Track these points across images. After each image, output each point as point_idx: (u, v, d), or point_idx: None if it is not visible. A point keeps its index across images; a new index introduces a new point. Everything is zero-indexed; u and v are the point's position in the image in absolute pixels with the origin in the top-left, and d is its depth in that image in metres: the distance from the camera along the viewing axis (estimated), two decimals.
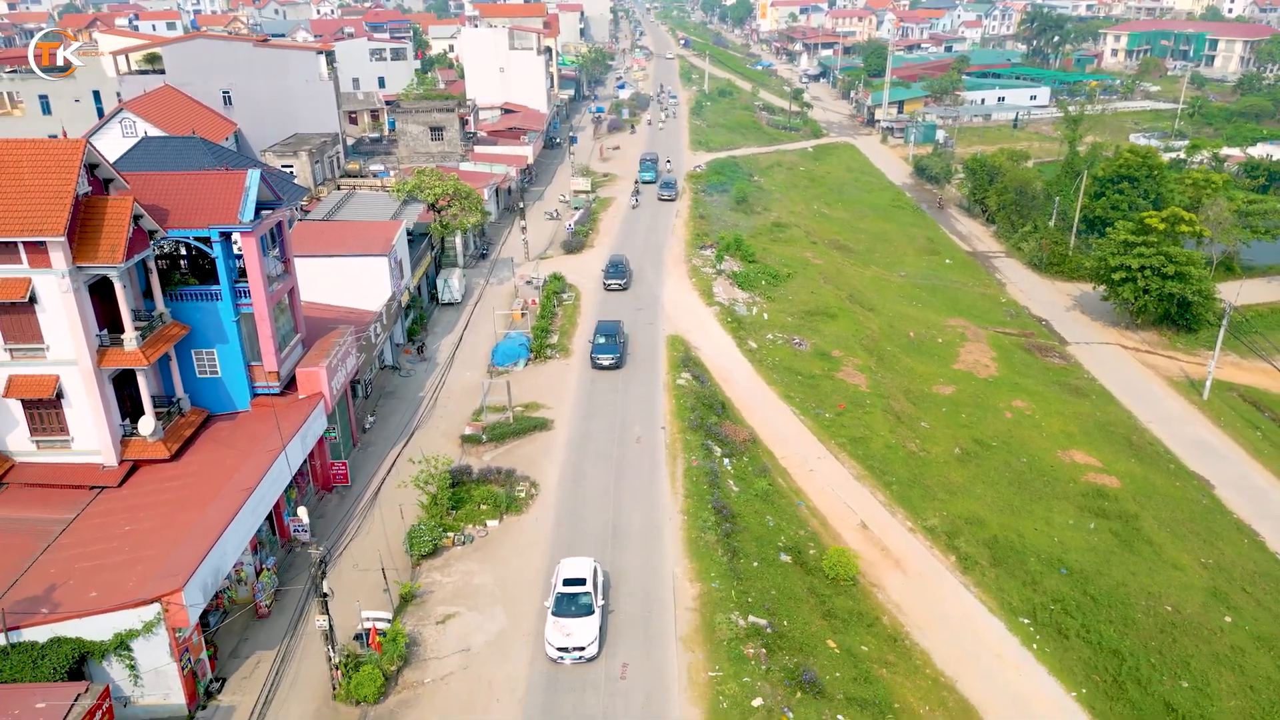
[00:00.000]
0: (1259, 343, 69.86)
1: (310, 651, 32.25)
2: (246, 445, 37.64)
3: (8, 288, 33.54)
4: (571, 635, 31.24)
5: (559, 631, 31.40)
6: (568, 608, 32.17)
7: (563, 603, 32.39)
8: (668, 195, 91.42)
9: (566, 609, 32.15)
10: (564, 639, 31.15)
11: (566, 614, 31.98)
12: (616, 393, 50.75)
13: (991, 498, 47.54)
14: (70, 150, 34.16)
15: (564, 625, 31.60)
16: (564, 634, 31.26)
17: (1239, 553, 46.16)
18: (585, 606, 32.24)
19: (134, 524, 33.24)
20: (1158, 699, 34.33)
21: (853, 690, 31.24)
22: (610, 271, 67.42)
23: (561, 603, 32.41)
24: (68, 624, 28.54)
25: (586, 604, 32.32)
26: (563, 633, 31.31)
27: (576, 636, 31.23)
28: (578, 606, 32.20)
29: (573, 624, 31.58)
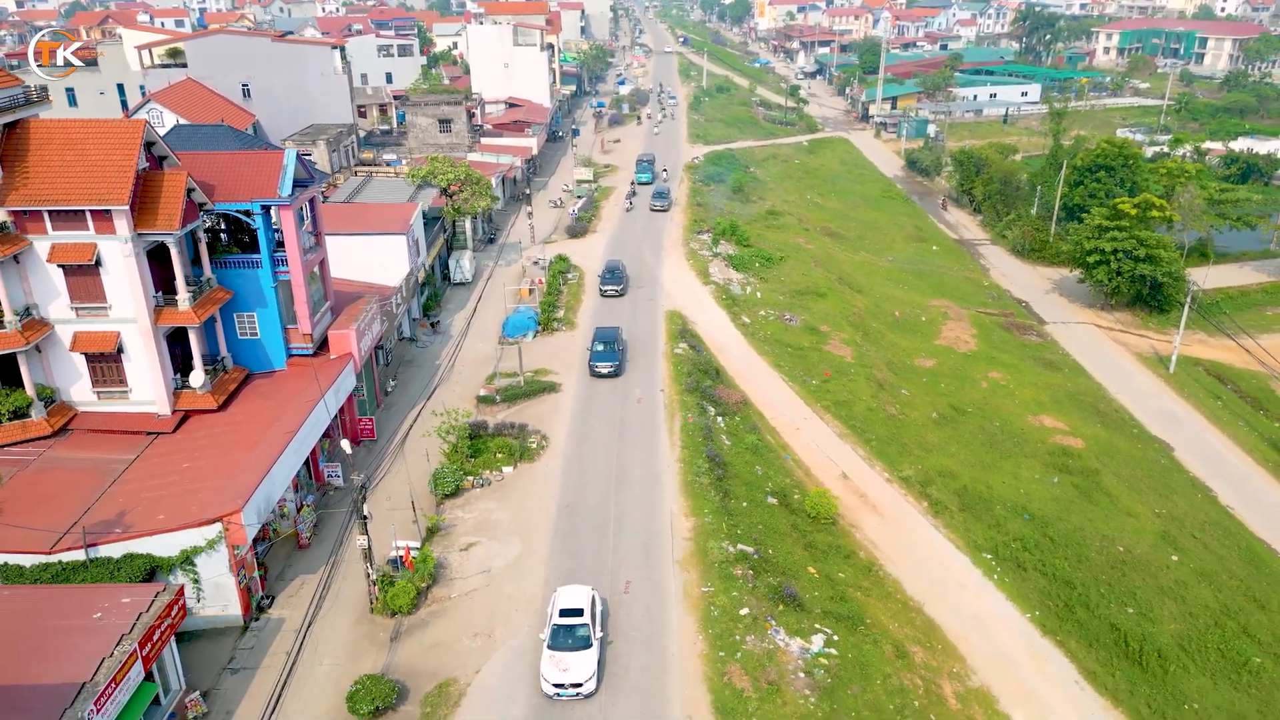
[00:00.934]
0: (1225, 322, 73.95)
1: (349, 574, 36.33)
2: (285, 398, 41.71)
3: (76, 251, 37.58)
4: (569, 670, 29.23)
5: (555, 666, 29.39)
6: (564, 640, 30.14)
7: (559, 635, 30.34)
8: (660, 205, 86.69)
9: (563, 642, 30.12)
10: (560, 674, 29.16)
11: (563, 647, 29.97)
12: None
13: (964, 455, 51.63)
14: (132, 129, 38.23)
15: (560, 659, 29.56)
16: (560, 669, 29.27)
17: (1191, 505, 50.29)
18: (583, 639, 30.19)
19: (190, 462, 37.31)
20: (1103, 621, 38.39)
21: (829, 606, 35.30)
22: (606, 277, 65.59)
23: (558, 635, 30.35)
24: (139, 541, 32.57)
25: (584, 636, 30.26)
26: (559, 668, 29.32)
27: (574, 672, 29.24)
28: (575, 639, 30.17)
29: (570, 658, 29.60)
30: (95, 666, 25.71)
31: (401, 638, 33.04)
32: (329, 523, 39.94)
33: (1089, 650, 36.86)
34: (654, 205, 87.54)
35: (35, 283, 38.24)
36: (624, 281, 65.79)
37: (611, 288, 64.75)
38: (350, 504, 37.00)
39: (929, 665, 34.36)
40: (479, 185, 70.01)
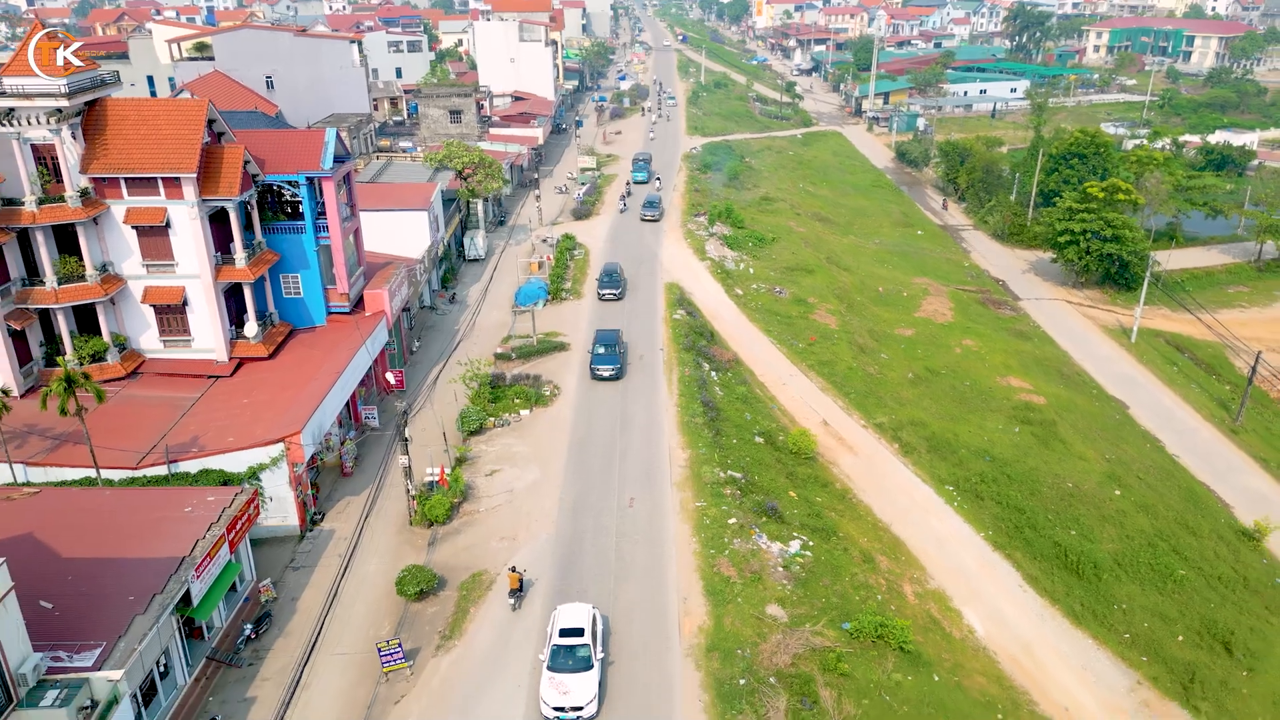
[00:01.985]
0: (1187, 299, 79.30)
1: (389, 496, 41.71)
2: (327, 348, 47.10)
3: (149, 214, 42.94)
4: (569, 694, 28.41)
5: (554, 689, 28.56)
6: (564, 662, 29.32)
7: (559, 656, 29.52)
8: (651, 215, 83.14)
9: (563, 663, 29.28)
10: (560, 698, 28.34)
11: (563, 669, 29.12)
12: (623, 325, 60.04)
13: (935, 408, 56.99)
14: (198, 108, 43.59)
15: (560, 682, 28.69)
16: (560, 692, 28.46)
17: (1139, 452, 55.68)
18: (583, 660, 29.36)
19: (249, 399, 42.70)
20: (1048, 540, 43.75)
21: (806, 521, 40.68)
22: (604, 280, 64.83)
23: (557, 656, 29.53)
24: (213, 459, 37.98)
25: (585, 657, 29.45)
26: (559, 690, 28.50)
27: (574, 695, 28.41)
28: (575, 660, 29.34)
29: (570, 680, 28.73)
30: (192, 545, 31.11)
31: (438, 543, 38.46)
32: (367, 457, 45.34)
33: (1033, 562, 42.25)
34: (645, 215, 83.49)
35: (111, 242, 43.59)
36: (621, 285, 64.94)
37: (609, 291, 63.89)
38: (395, 427, 42.37)
39: (892, 571, 39.74)
40: (491, 169, 75.39)
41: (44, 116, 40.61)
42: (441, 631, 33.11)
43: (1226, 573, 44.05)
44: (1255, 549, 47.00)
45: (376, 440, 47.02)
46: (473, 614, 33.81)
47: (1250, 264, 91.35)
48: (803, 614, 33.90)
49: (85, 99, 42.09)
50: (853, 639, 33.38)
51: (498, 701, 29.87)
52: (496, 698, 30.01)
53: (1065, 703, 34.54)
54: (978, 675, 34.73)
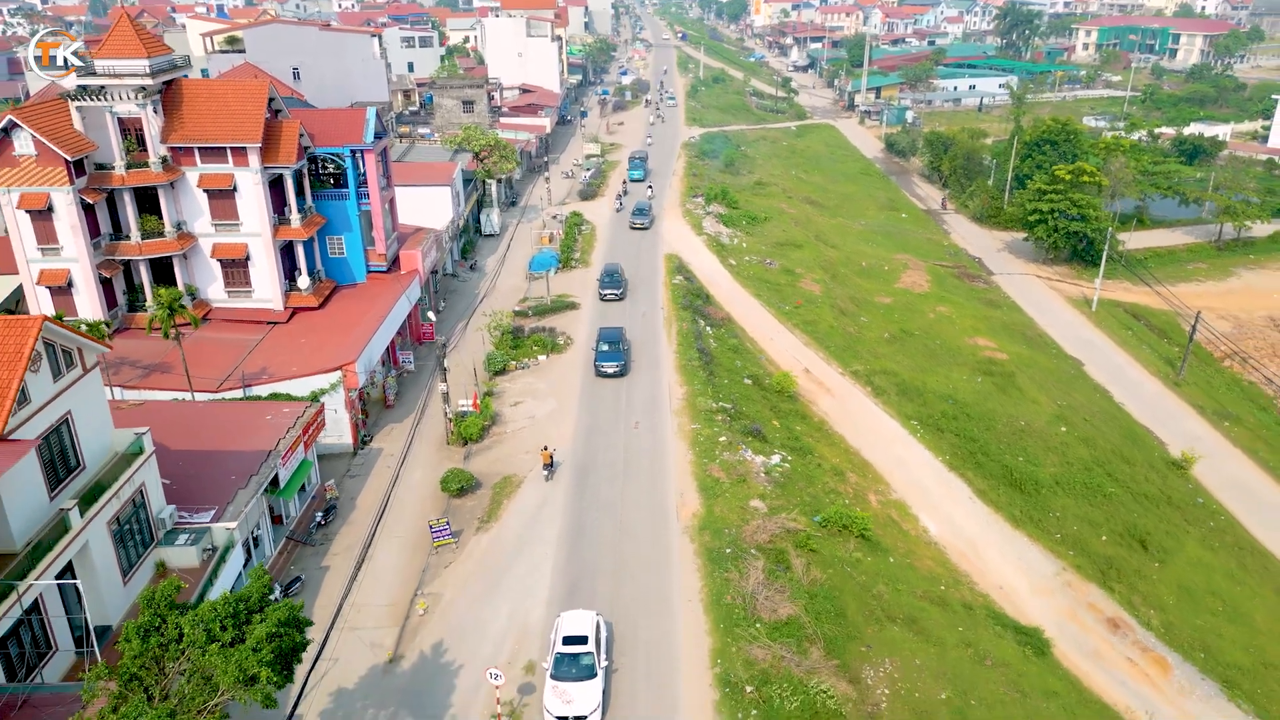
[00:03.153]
0: (1146, 274, 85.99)
1: (428, 423, 48.38)
2: (369, 300, 53.73)
3: (219, 179, 49.57)
4: (572, 703, 28.21)
5: (558, 698, 28.37)
6: (568, 670, 29.10)
7: (562, 664, 29.32)
8: (641, 223, 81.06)
9: (566, 671, 29.07)
10: (564, 706, 28.14)
11: (566, 677, 28.89)
12: (629, 287, 66.68)
13: (906, 362, 63.63)
14: (261, 87, 50.24)
15: (564, 690, 28.52)
16: (564, 701, 28.27)
17: (1088, 400, 62.35)
18: (587, 669, 29.13)
19: (306, 338, 49.35)
20: (998, 463, 50.39)
21: (786, 442, 47.33)
22: (605, 281, 65.11)
23: (561, 664, 29.33)
24: (280, 384, 44.63)
25: (588, 665, 29.23)
26: (562, 699, 28.30)
27: (578, 704, 28.20)
28: (579, 668, 29.10)
29: (573, 689, 28.56)
30: (276, 442, 37.79)
31: (472, 456, 45.15)
32: (406, 394, 52.00)
33: (983, 480, 48.90)
34: (635, 223, 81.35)
35: (185, 203, 50.21)
36: (623, 286, 65.10)
37: (610, 292, 64.22)
38: (435, 360, 49.05)
39: (859, 483, 46.41)
40: (505, 151, 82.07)
41: (131, 93, 47.21)
42: (480, 518, 39.82)
43: (1153, 492, 50.74)
44: (1183, 476, 53.67)
45: (412, 381, 53.68)
46: (505, 505, 40.51)
47: (1211, 244, 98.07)
48: (780, 506, 40.54)
49: (164, 78, 48.71)
50: (821, 527, 40.04)
51: (526, 568, 36.50)
52: (525, 565, 36.66)
53: (1000, 583, 41.20)
54: (927, 560, 41.41)
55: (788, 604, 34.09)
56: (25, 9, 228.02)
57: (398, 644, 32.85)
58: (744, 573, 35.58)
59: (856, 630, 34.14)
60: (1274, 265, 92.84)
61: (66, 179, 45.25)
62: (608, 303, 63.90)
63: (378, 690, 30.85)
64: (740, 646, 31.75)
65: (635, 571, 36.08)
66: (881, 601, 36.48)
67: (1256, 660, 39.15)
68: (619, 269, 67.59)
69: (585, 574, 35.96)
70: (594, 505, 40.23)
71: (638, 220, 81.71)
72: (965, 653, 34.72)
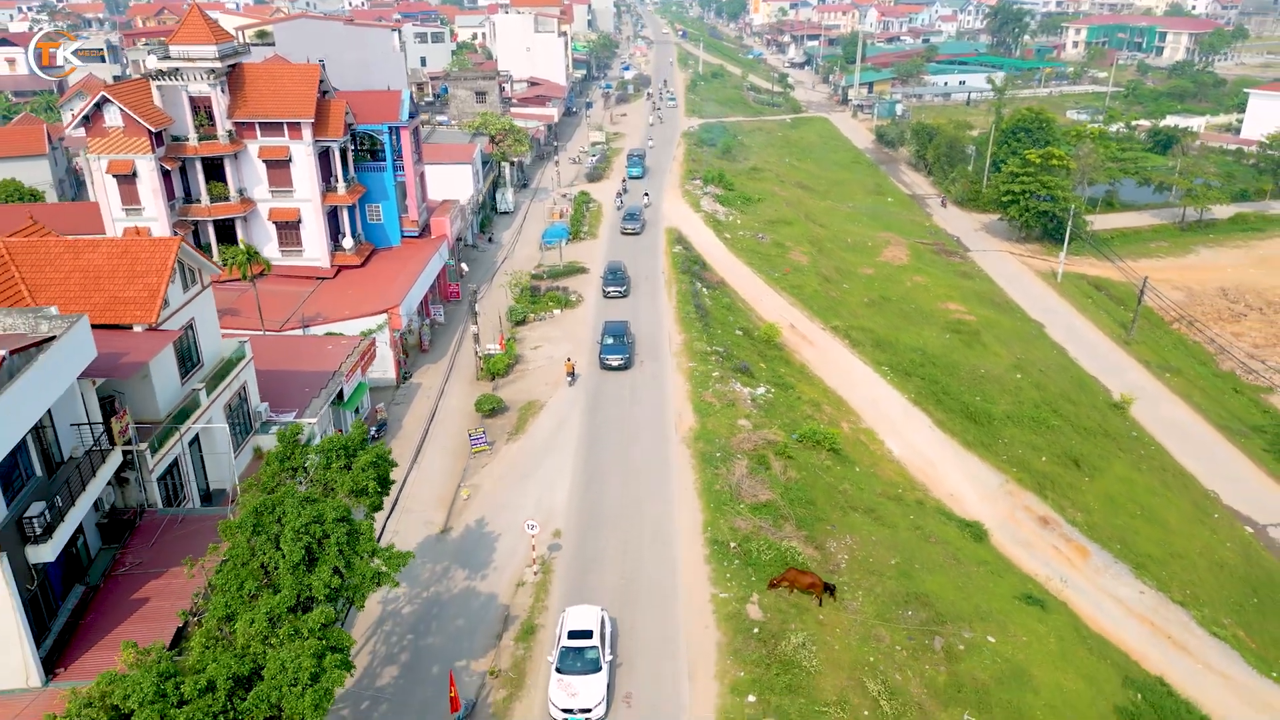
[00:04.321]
0: (1110, 251, 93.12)
1: (460, 364, 55.55)
2: (405, 260, 60.91)
3: (277, 151, 56.76)
4: (577, 695, 28.76)
5: (563, 691, 28.91)
6: (573, 663, 29.67)
7: (568, 657, 29.83)
8: (633, 228, 79.25)
9: (571, 665, 29.63)
10: (569, 699, 28.68)
11: (571, 670, 29.48)
12: (632, 254, 73.83)
13: (883, 321, 70.78)
14: (313, 71, 57.48)
15: (569, 684, 29.05)
16: (569, 694, 28.80)
17: (1045, 355, 69.49)
18: (592, 662, 29.67)
19: (353, 290, 56.55)
20: (957, 400, 57.51)
21: (771, 379, 54.51)
22: (609, 278, 65.77)
23: (566, 658, 29.84)
24: (334, 324, 51.79)
25: (593, 659, 29.74)
26: (567, 692, 28.84)
27: (583, 697, 28.74)
28: (584, 662, 29.68)
29: (578, 682, 29.10)
30: (339, 364, 44.97)
31: (500, 387, 52.39)
32: (438, 342, 59.18)
33: (943, 413, 56.03)
34: (626, 228, 79.52)
35: (246, 172, 57.38)
36: (626, 283, 65.68)
37: (614, 289, 64.84)
38: (465, 309, 56.27)
39: (833, 414, 53.56)
40: (519, 134, 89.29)
41: (202, 75, 54.40)
42: (509, 431, 47.07)
43: (1092, 426, 57.90)
44: (1121, 415, 60.81)
45: (442, 332, 60.87)
46: (530, 422, 47.74)
47: (1175, 225, 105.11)
48: (763, 425, 47.70)
49: (230, 62, 55.91)
50: (798, 442, 47.19)
51: (550, 467, 43.69)
52: (549, 464, 43.85)
53: (950, 491, 48.33)
54: (889, 471, 48.61)
55: (767, 492, 41.31)
56: (47, 6, 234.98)
57: (446, 520, 40.11)
58: (731, 469, 42.80)
59: (824, 514, 41.32)
60: (1231, 244, 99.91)
61: (149, 147, 52.46)
62: (611, 299, 64.33)
63: (433, 552, 38.07)
64: (727, 519, 38.96)
65: (640, 469, 43.28)
66: (846, 496, 43.68)
67: (1165, 552, 46.25)
68: (622, 266, 67.70)
69: (598, 472, 43.17)
70: (605, 422, 47.40)
71: (629, 226, 79.67)
72: (914, 534, 41.90)
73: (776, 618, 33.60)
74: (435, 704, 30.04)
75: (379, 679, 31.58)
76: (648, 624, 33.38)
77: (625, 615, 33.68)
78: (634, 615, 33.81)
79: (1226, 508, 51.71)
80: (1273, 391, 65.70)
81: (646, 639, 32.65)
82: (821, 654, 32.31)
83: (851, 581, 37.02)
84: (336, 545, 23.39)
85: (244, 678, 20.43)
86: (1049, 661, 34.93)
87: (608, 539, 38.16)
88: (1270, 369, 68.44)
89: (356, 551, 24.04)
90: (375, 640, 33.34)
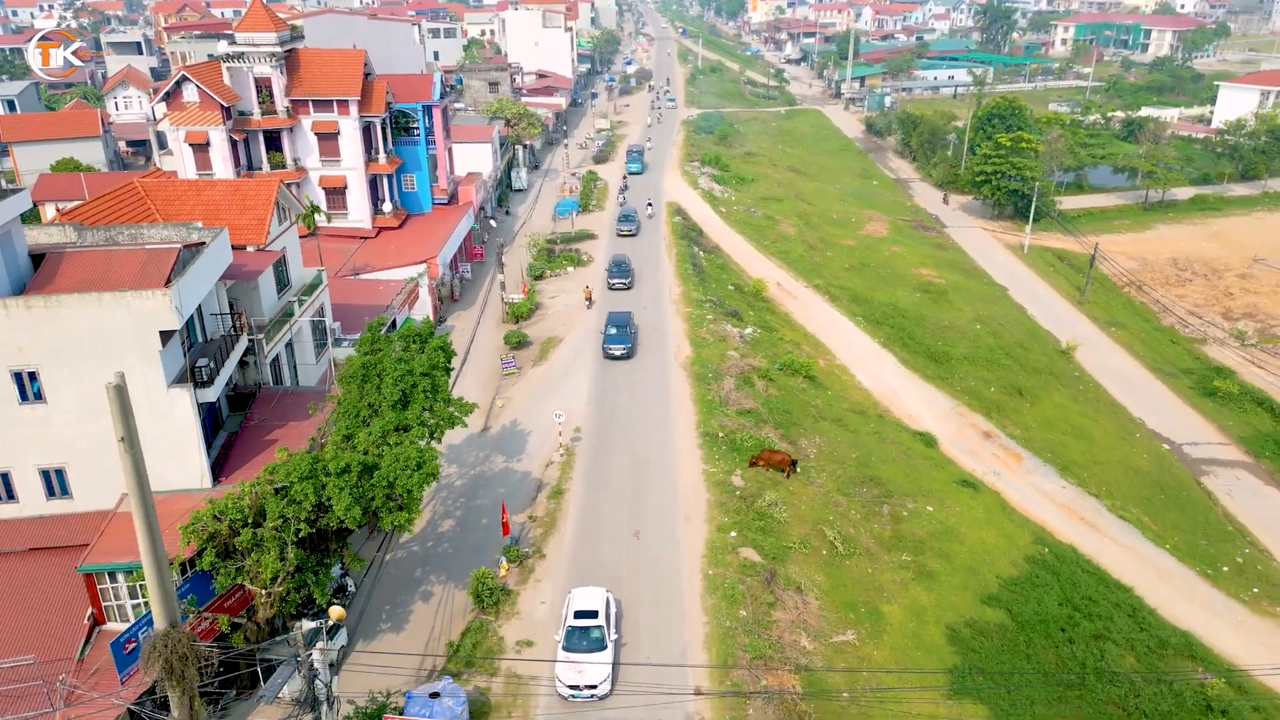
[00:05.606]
0: (1074, 227, 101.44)
1: (488, 311, 63.86)
2: (437, 223, 69.26)
3: (327, 125, 65.09)
4: (583, 673, 29.80)
5: (570, 669, 29.95)
6: (579, 642, 30.71)
7: (573, 636, 30.90)
8: (629, 229, 78.79)
9: (578, 644, 30.69)
10: (575, 676, 29.76)
11: (578, 649, 30.53)
12: (637, 226, 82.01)
13: (860, 283, 79.08)
14: (358, 55, 65.81)
15: (575, 662, 30.21)
16: (575, 671, 29.85)
17: (1005, 312, 77.76)
18: (597, 641, 30.73)
19: (394, 246, 64.86)
20: (922, 344, 65.72)
21: (757, 322, 62.86)
22: (614, 270, 67.76)
23: (572, 637, 30.92)
24: (381, 273, 60.09)
25: (599, 638, 30.80)
26: (574, 670, 29.89)
27: (589, 674, 29.80)
28: (589, 641, 30.71)
29: (584, 660, 30.24)
30: (390, 299, 53.30)
31: (523, 327, 60.71)
32: (466, 294, 67.52)
33: (908, 354, 64.29)
34: (621, 229, 79.21)
35: (300, 144, 65.69)
36: (630, 275, 67.61)
37: (619, 281, 66.74)
38: (496, 256, 64.73)
39: (811, 352, 61.87)
40: (531, 118, 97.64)
41: (264, 58, 62.71)
42: (534, 359, 55.48)
43: (1039, 366, 66.20)
44: (1067, 359, 69.02)
45: (469, 286, 69.22)
46: (551, 352, 56.13)
47: (1138, 205, 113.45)
48: (749, 355, 56.05)
49: (288, 47, 64.22)
50: (778, 369, 55.51)
51: (569, 385, 52.02)
52: (569, 383, 52.21)
53: (909, 412, 56.60)
54: (856, 395, 56.94)
55: (750, 402, 49.66)
56: (70, 4, 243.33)
57: (485, 422, 48.47)
58: (720, 386, 51.16)
59: (798, 421, 49.68)
60: (1188, 222, 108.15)
61: (220, 120, 60.78)
62: (615, 292, 65.97)
63: (476, 445, 46.44)
64: (716, 419, 47.32)
65: (645, 385, 51.65)
66: (818, 409, 52.05)
67: (1089, 459, 54.45)
68: (626, 259, 69.67)
69: (610, 387, 51.53)
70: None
71: (624, 227, 79.56)
72: (873, 437, 50.25)
73: (754, 486, 41.97)
74: (485, 545, 38.34)
75: (440, 528, 39.95)
76: (652, 491, 41.73)
77: (635, 482, 42.07)
78: (641, 485, 42.15)
79: (1149, 430, 59.97)
80: (1205, 342, 73.91)
81: (652, 501, 40.99)
82: (789, 511, 40.69)
83: (817, 466, 45.40)
84: (423, 391, 31.72)
85: (367, 467, 28.70)
86: (975, 525, 43.31)
87: (619, 433, 46.55)
88: (1205, 323, 76.69)
89: (436, 399, 32.36)
90: (435, 503, 41.69)
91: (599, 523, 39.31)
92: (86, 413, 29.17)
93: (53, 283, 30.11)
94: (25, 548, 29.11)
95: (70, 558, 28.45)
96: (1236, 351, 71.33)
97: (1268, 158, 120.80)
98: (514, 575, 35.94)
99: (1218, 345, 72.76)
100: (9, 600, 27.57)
